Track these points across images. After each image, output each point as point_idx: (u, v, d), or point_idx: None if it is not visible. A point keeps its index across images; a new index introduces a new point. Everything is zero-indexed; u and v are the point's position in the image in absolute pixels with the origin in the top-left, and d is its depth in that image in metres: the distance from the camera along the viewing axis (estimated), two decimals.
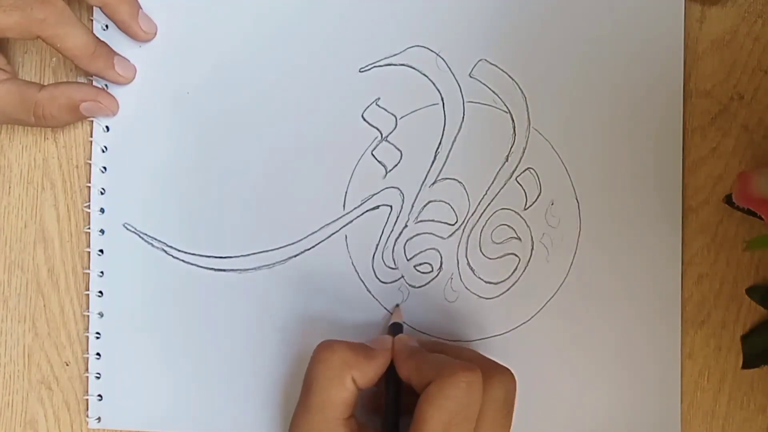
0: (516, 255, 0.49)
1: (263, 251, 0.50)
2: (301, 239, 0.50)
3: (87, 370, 0.50)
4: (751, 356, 0.49)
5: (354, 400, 0.43)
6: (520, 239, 0.49)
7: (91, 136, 0.50)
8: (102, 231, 0.50)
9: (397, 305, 0.49)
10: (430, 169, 0.49)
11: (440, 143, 0.49)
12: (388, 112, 0.49)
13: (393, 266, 0.49)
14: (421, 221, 0.49)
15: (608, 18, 0.49)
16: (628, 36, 0.49)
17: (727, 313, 0.49)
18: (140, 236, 0.50)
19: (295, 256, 0.50)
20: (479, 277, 0.49)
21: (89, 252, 0.50)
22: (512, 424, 0.42)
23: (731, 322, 0.49)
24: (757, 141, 0.49)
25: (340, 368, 0.42)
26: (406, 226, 0.49)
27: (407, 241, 0.49)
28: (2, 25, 0.45)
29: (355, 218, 0.49)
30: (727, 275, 0.49)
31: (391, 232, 0.49)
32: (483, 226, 0.49)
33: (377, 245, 0.49)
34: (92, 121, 0.50)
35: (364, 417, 0.45)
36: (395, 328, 0.47)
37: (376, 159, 0.49)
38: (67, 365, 0.51)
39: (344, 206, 0.49)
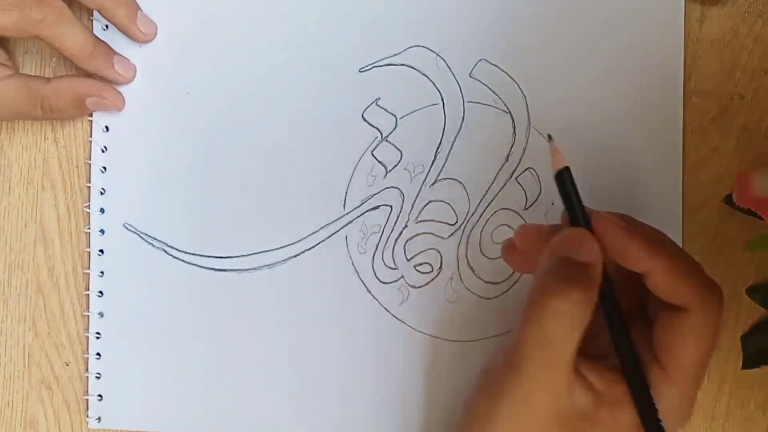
0: None
1: (263, 251, 0.50)
2: (301, 239, 0.50)
3: (87, 370, 0.50)
4: (751, 356, 0.49)
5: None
6: None
7: (91, 136, 0.50)
8: (102, 231, 0.50)
9: (550, 137, 0.40)
10: (430, 169, 0.49)
11: (440, 143, 0.49)
12: (389, 112, 0.49)
13: (393, 266, 0.49)
14: (421, 221, 0.49)
15: (608, 18, 0.49)
16: (628, 36, 0.49)
17: (727, 313, 0.49)
18: (140, 236, 0.50)
19: (295, 256, 0.50)
20: (479, 278, 0.49)
21: (89, 252, 0.50)
22: None
23: (731, 322, 0.49)
24: (757, 141, 0.49)
25: (581, 313, 0.36)
26: (406, 226, 0.49)
27: (407, 241, 0.49)
28: (1, 24, 0.45)
29: (355, 218, 0.49)
30: (727, 275, 0.49)
31: (391, 232, 0.49)
32: (483, 226, 0.49)
33: (377, 245, 0.49)
34: (92, 121, 0.50)
35: None
36: (565, 178, 0.38)
37: (376, 159, 0.49)
38: (67, 365, 0.51)
39: (344, 206, 0.49)
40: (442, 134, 0.49)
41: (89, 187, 0.50)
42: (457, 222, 0.49)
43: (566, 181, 0.38)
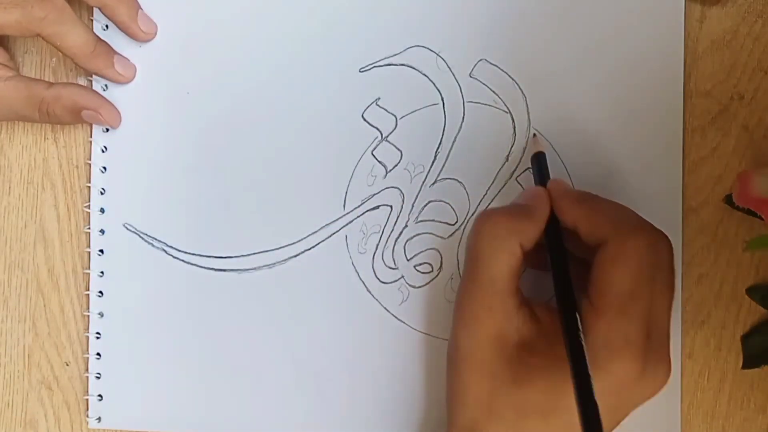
0: None
1: (263, 251, 0.50)
2: (301, 239, 0.50)
3: (87, 370, 0.50)
4: (751, 356, 0.49)
5: (520, 267, 0.41)
6: None
7: (91, 136, 0.50)
8: (102, 231, 0.50)
9: (534, 135, 0.48)
10: (430, 169, 0.49)
11: (440, 143, 0.49)
12: (389, 112, 0.49)
13: (393, 266, 0.49)
14: (421, 221, 0.49)
15: (608, 18, 0.49)
16: (628, 36, 0.49)
17: (727, 313, 0.49)
18: (140, 236, 0.50)
19: (295, 256, 0.50)
20: None
21: (89, 252, 0.50)
22: None
23: (731, 322, 0.49)
24: (757, 141, 0.49)
25: (507, 236, 0.41)
26: (406, 226, 0.49)
27: (407, 241, 0.49)
28: (2, 23, 0.45)
29: (355, 218, 0.49)
30: (727, 275, 0.49)
31: (391, 232, 0.49)
32: None
33: (377, 245, 0.49)
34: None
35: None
36: (539, 160, 0.46)
37: (376, 159, 0.49)
38: (67, 365, 0.51)
39: (344, 206, 0.49)
40: (442, 134, 0.49)
41: (89, 187, 0.50)
42: (457, 222, 0.49)
43: (541, 162, 0.46)
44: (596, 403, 0.36)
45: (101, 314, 0.50)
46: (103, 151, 0.50)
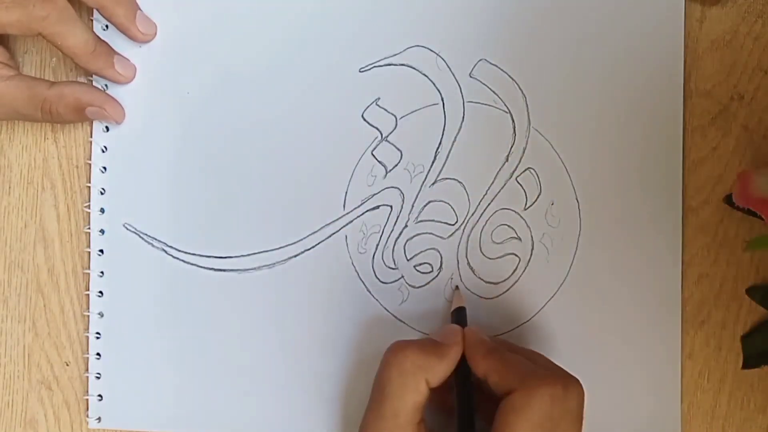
0: (516, 255, 0.49)
1: (263, 251, 0.50)
2: (301, 239, 0.50)
3: (87, 370, 0.50)
4: (751, 356, 0.49)
5: (424, 403, 0.42)
6: (520, 239, 0.49)
7: (91, 136, 0.50)
8: (102, 231, 0.50)
9: (456, 288, 0.49)
10: (430, 169, 0.49)
11: (440, 143, 0.49)
12: (388, 112, 0.49)
13: (393, 266, 0.49)
14: (421, 221, 0.49)
15: (608, 18, 0.49)
16: (629, 36, 0.49)
17: (727, 313, 0.49)
18: (140, 236, 0.50)
19: (295, 256, 0.50)
20: (479, 277, 0.49)
21: (89, 252, 0.50)
22: None
23: (731, 322, 0.49)
24: (757, 141, 0.49)
25: (414, 372, 0.42)
26: (406, 226, 0.49)
27: (407, 241, 0.49)
28: (4, 22, 0.45)
29: (355, 218, 0.49)
30: (727, 275, 0.49)
31: (391, 232, 0.49)
32: (483, 226, 0.49)
33: (377, 245, 0.49)
34: (93, 122, 0.50)
35: (430, 417, 0.44)
36: (459, 314, 0.47)
37: (376, 159, 0.49)
38: (67, 365, 0.51)
39: (344, 206, 0.49)
40: (442, 134, 0.49)
41: (89, 187, 0.50)
42: (457, 222, 0.49)
43: (461, 317, 0.47)
44: None
45: (101, 314, 0.50)
46: (103, 151, 0.50)
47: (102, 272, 0.50)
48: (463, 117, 0.49)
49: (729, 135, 0.49)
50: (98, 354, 0.50)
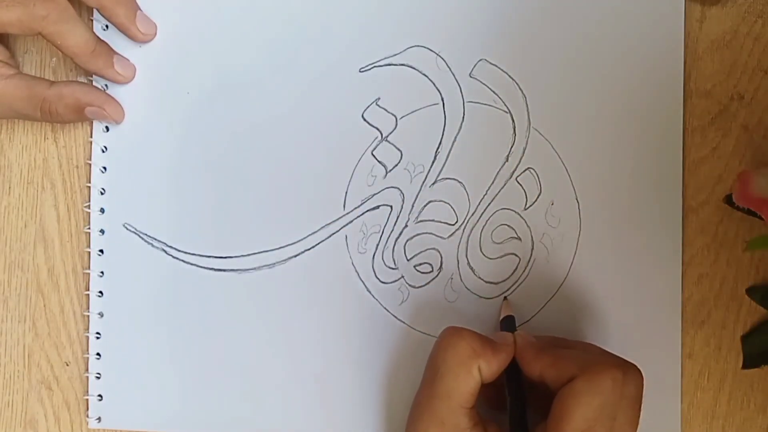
0: (516, 255, 0.49)
1: (263, 251, 0.50)
2: (301, 239, 0.50)
3: (87, 370, 0.50)
4: (751, 356, 0.49)
5: (477, 391, 0.42)
6: (520, 239, 0.49)
7: (91, 137, 0.50)
8: (102, 231, 0.50)
9: (505, 298, 0.49)
10: (430, 169, 0.49)
11: (440, 143, 0.49)
12: (389, 112, 0.49)
13: (393, 266, 0.49)
14: (421, 221, 0.49)
15: (608, 18, 0.49)
16: (629, 36, 0.49)
17: (727, 313, 0.49)
18: (140, 236, 0.50)
19: (295, 256, 0.50)
20: (479, 277, 0.49)
21: (89, 252, 0.50)
22: None
23: (731, 322, 0.49)
24: (757, 141, 0.49)
25: (469, 356, 0.42)
26: (406, 226, 0.49)
27: (407, 241, 0.49)
28: (4, 21, 0.45)
29: (356, 218, 0.49)
30: (727, 275, 0.49)
31: (391, 232, 0.49)
32: (483, 226, 0.49)
33: (377, 245, 0.49)
34: (93, 122, 0.50)
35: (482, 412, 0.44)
36: (508, 322, 0.47)
37: (376, 159, 0.49)
38: (67, 365, 0.51)
39: (344, 206, 0.49)
40: (442, 134, 0.49)
41: (89, 187, 0.50)
42: (457, 222, 0.49)
43: (509, 326, 0.47)
44: None
45: (101, 314, 0.50)
46: (103, 151, 0.50)
47: (102, 272, 0.50)
48: (463, 117, 0.49)
49: (729, 135, 0.49)
50: (98, 354, 0.50)
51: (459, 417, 0.42)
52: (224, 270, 0.50)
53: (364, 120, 0.49)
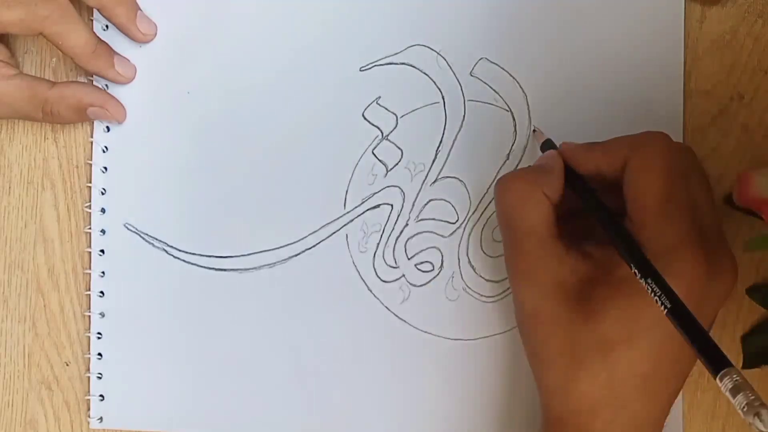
0: None
1: (263, 251, 0.50)
2: (302, 239, 0.50)
3: (88, 370, 0.50)
4: (751, 356, 0.49)
5: (553, 214, 0.42)
6: None
7: (92, 137, 0.50)
8: (103, 231, 0.50)
9: (534, 129, 0.49)
10: (431, 168, 0.49)
11: (441, 142, 0.49)
12: (389, 110, 0.49)
13: (394, 265, 0.49)
14: (422, 220, 0.49)
15: (608, 18, 0.49)
16: (628, 36, 0.49)
17: (727, 313, 0.49)
18: (141, 236, 0.50)
19: (296, 255, 0.50)
20: (480, 276, 0.49)
21: (90, 252, 0.50)
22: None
23: (731, 322, 0.49)
24: (757, 141, 0.49)
25: (529, 188, 0.41)
26: (407, 224, 0.49)
27: (408, 239, 0.49)
28: (6, 21, 0.45)
29: (356, 217, 0.49)
30: None
31: (392, 230, 0.49)
32: (484, 225, 0.49)
33: (378, 244, 0.49)
34: (93, 122, 0.50)
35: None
36: (548, 145, 0.46)
37: (376, 158, 0.49)
38: (68, 365, 0.51)
39: (345, 205, 0.49)
40: (443, 133, 0.49)
41: (89, 187, 0.50)
42: (458, 220, 0.49)
43: (551, 146, 0.46)
44: (679, 299, 0.35)
45: (102, 314, 0.50)
46: (104, 152, 0.50)
47: (103, 272, 0.50)
48: (464, 115, 0.49)
49: (729, 135, 0.49)
50: (99, 354, 0.50)
51: (552, 246, 0.41)
52: (225, 270, 0.50)
53: (365, 119, 0.49)
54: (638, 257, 0.38)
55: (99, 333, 0.50)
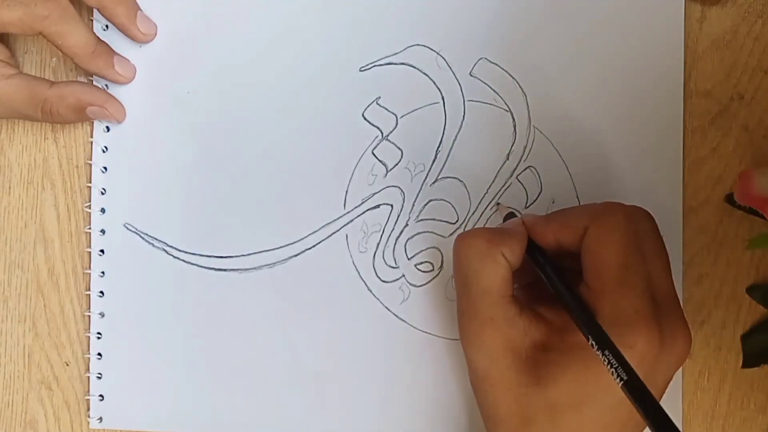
0: None
1: (263, 251, 0.50)
2: (302, 239, 0.50)
3: (87, 370, 0.50)
4: (751, 356, 0.49)
5: (510, 277, 0.42)
6: None
7: (92, 137, 0.50)
8: (103, 231, 0.50)
9: (498, 203, 0.49)
10: (430, 168, 0.49)
11: (441, 142, 0.49)
12: (389, 111, 0.49)
13: (394, 265, 0.49)
14: (422, 220, 0.49)
15: (608, 18, 0.49)
16: (629, 36, 0.49)
17: (727, 313, 0.49)
18: (141, 236, 0.50)
19: (296, 255, 0.50)
20: None
21: (90, 252, 0.50)
22: None
23: (731, 322, 0.49)
24: (757, 141, 0.49)
25: (489, 247, 0.41)
26: (406, 224, 0.49)
27: (408, 239, 0.49)
28: (5, 20, 0.45)
29: (356, 217, 0.49)
30: (727, 275, 0.49)
31: (392, 230, 0.49)
32: (484, 225, 0.49)
33: (378, 244, 0.49)
34: (93, 122, 0.50)
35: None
36: (511, 217, 0.46)
37: (376, 158, 0.49)
38: (68, 365, 0.51)
39: (345, 205, 0.49)
40: (443, 133, 0.49)
41: (89, 187, 0.50)
42: (457, 220, 0.49)
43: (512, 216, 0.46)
44: (635, 372, 0.35)
45: (102, 314, 0.50)
46: (104, 152, 0.50)
47: (103, 272, 0.50)
48: (464, 116, 0.49)
49: (729, 135, 0.49)
50: (99, 354, 0.50)
51: (504, 307, 0.41)
52: (225, 270, 0.50)
53: (365, 119, 0.49)
54: (595, 330, 0.38)
55: (99, 333, 0.50)
